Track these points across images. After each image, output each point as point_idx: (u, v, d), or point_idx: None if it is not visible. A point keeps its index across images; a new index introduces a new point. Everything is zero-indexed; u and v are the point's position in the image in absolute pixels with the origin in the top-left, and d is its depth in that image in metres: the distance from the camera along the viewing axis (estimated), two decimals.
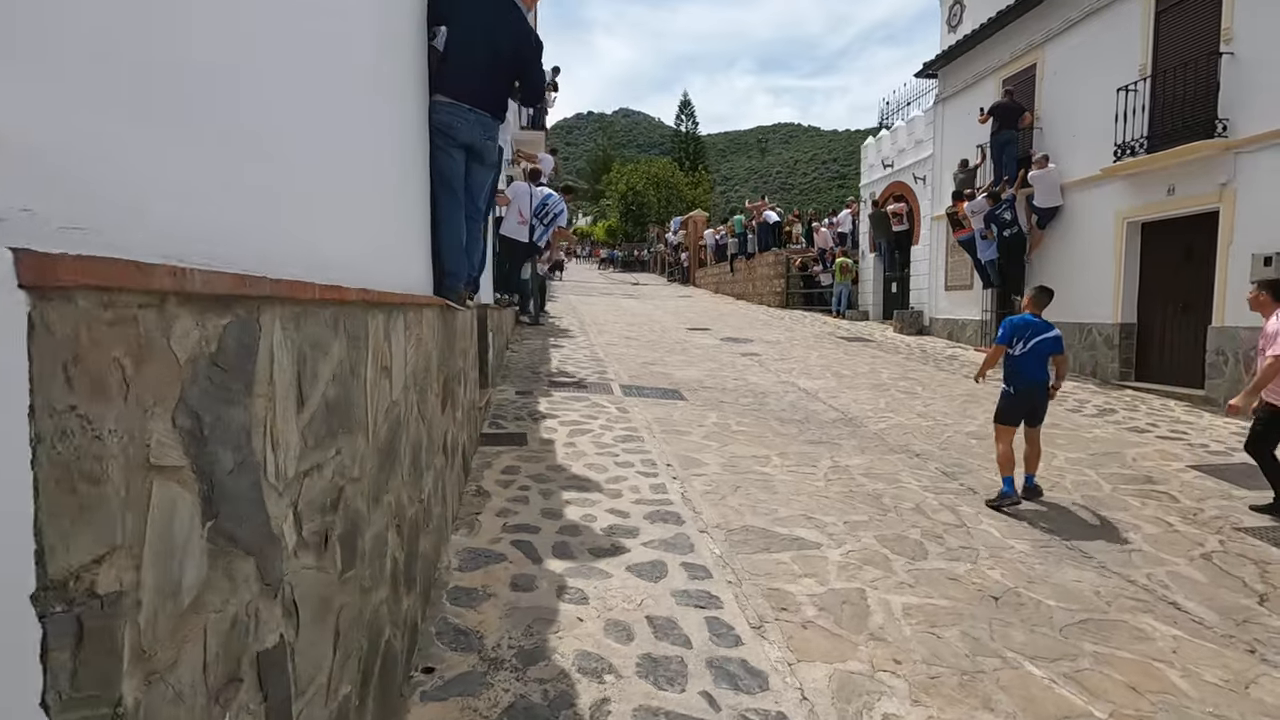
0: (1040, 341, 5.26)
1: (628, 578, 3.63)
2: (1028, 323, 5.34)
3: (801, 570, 3.93)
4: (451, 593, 3.29)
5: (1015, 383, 5.35)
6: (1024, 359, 5.29)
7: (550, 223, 9.18)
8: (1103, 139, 9.70)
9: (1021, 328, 5.32)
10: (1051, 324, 5.37)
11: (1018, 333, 5.31)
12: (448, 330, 3.85)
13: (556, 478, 5.06)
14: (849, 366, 11.06)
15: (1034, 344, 5.26)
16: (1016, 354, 5.31)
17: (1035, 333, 5.28)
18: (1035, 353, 5.27)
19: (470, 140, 3.49)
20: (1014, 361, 5.34)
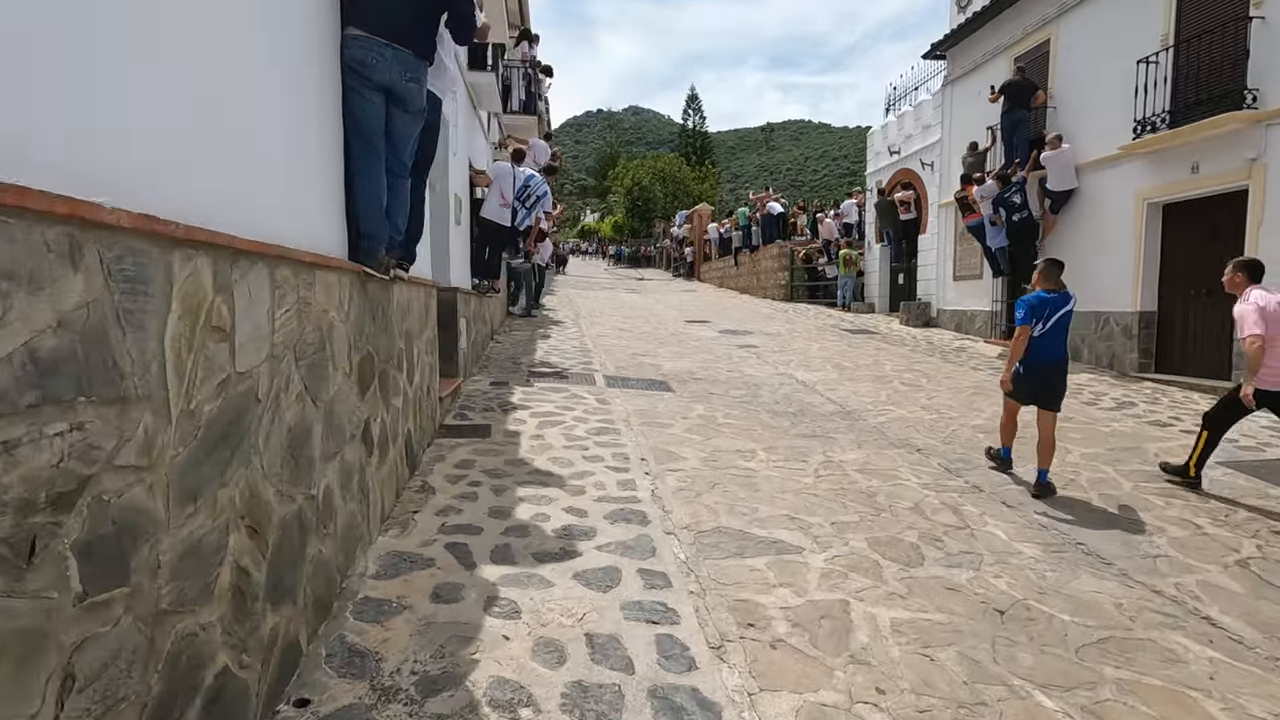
0: (1061, 317, 4.93)
1: (573, 587, 3.15)
2: (1044, 300, 4.97)
3: (777, 579, 3.43)
4: (359, 605, 2.82)
5: (1034, 361, 4.99)
6: (1044, 338, 4.95)
7: (533, 205, 8.70)
8: (1120, 116, 9.11)
9: (1039, 306, 4.95)
10: (1068, 293, 5.02)
11: (1036, 313, 4.95)
12: (371, 304, 3.38)
13: (514, 473, 4.59)
14: (850, 359, 10.53)
15: (1054, 321, 4.93)
16: (1037, 335, 4.96)
17: (1054, 309, 4.93)
18: (1055, 330, 4.94)
19: (389, 81, 3.02)
20: (1034, 343, 4.97)
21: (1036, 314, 4.93)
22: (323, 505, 2.62)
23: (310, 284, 2.50)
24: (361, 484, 3.19)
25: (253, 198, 2.14)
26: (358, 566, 3.09)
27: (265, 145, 2.27)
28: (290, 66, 2.51)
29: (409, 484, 4.24)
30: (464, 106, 7.65)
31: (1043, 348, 4.97)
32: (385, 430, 3.65)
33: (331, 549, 2.74)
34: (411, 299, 4.41)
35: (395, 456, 3.90)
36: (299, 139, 2.65)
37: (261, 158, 2.24)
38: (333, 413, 2.74)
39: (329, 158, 2.92)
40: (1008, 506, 4.79)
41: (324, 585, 2.63)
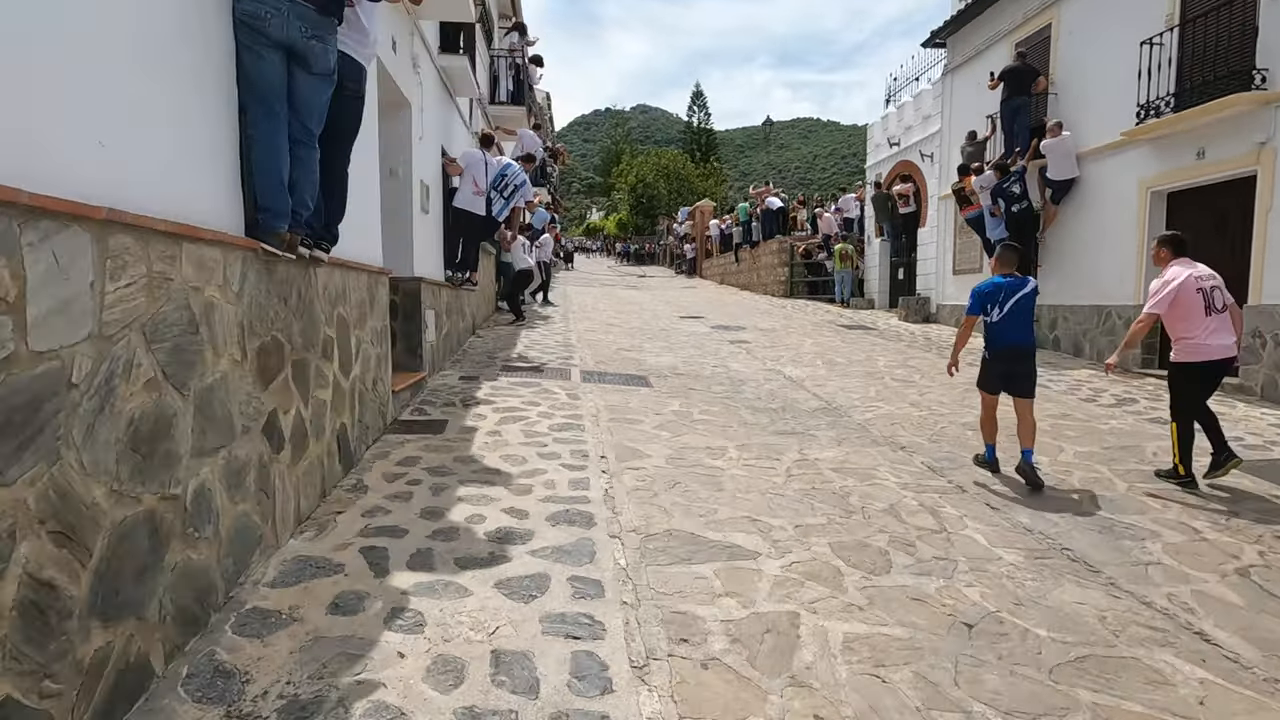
0: (1019, 300, 4.81)
1: (492, 596, 2.86)
2: (998, 286, 4.86)
3: (724, 587, 3.13)
4: (243, 617, 2.54)
5: (994, 346, 4.95)
6: (1003, 323, 4.85)
7: (511, 195, 8.39)
8: (1123, 101, 8.72)
9: (992, 293, 4.86)
10: (1026, 277, 4.92)
11: (989, 299, 4.87)
12: (280, 285, 3.10)
13: (459, 471, 4.30)
14: (843, 354, 10.18)
15: (1011, 305, 4.81)
16: (994, 321, 4.88)
17: (1010, 294, 4.82)
18: (1015, 314, 4.83)
19: (287, 38, 2.73)
20: (992, 329, 4.91)
21: (990, 300, 4.85)
22: (193, 507, 2.34)
23: (171, 257, 2.22)
24: (262, 482, 2.91)
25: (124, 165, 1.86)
26: (253, 573, 2.80)
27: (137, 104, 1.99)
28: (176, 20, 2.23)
29: (342, 482, 3.96)
30: (434, 90, 7.37)
31: (1003, 333, 4.87)
32: (303, 424, 3.37)
33: (209, 555, 2.46)
34: (347, 285, 4.13)
35: (320, 453, 3.62)
36: (181, 99, 2.37)
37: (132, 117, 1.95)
38: (210, 403, 2.46)
39: (219, 121, 2.64)
40: (991, 508, 4.46)
41: (193, 596, 2.35)
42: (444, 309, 7.54)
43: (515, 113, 12.94)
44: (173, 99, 2.34)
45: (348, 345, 4.12)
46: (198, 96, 2.50)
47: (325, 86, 2.96)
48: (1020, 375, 4.87)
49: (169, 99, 2.32)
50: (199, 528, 2.39)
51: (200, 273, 2.40)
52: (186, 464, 2.31)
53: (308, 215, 3.03)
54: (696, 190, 43.49)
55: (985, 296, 4.87)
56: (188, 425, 2.31)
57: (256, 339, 2.85)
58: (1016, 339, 4.85)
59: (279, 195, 2.80)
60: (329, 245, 3.45)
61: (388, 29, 5.27)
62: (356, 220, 4.42)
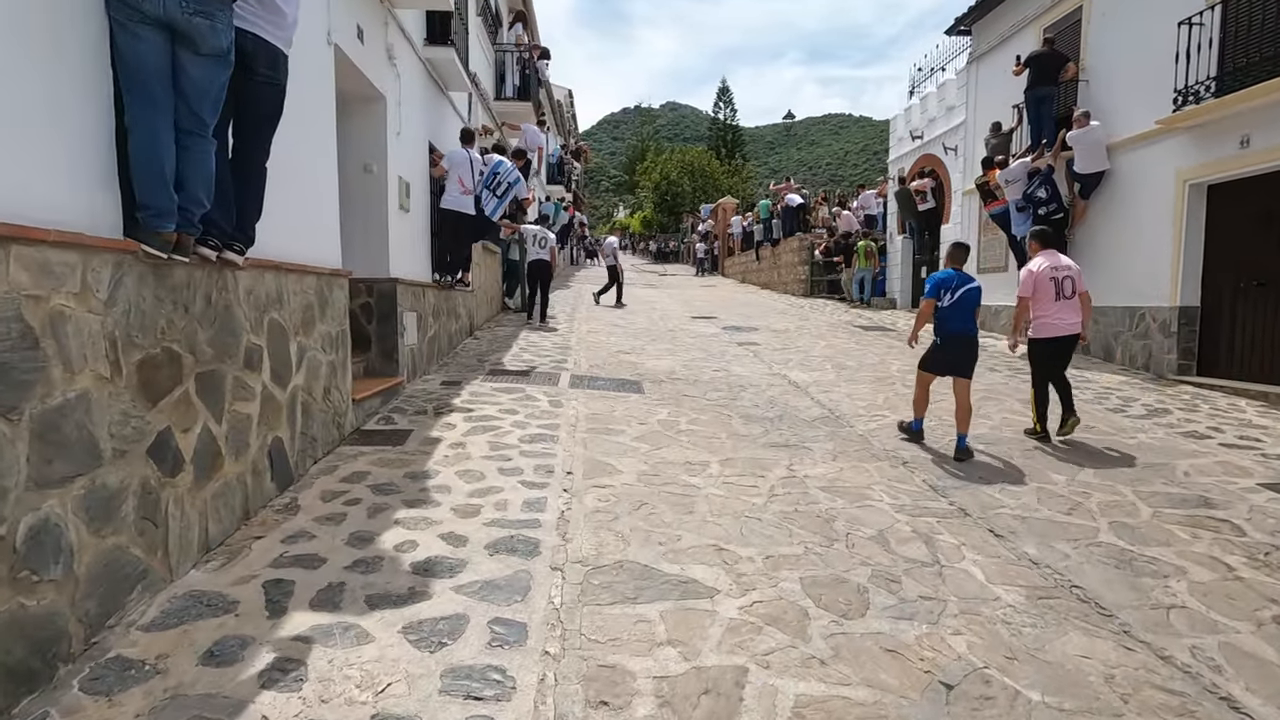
0: (966, 293, 5.42)
1: (395, 644, 2.52)
2: (951, 276, 5.49)
3: (669, 634, 2.75)
4: (100, 669, 2.24)
5: (942, 333, 5.55)
6: (951, 310, 5.45)
7: (505, 194, 8.10)
8: (1159, 87, 8.08)
9: (946, 281, 5.48)
10: (970, 276, 5.53)
11: (944, 285, 5.47)
12: (176, 291, 2.80)
13: (405, 489, 3.99)
14: (855, 358, 9.69)
15: (960, 295, 5.41)
16: (945, 305, 5.46)
17: (959, 285, 5.43)
18: (961, 304, 5.42)
19: (166, 15, 2.43)
20: (941, 313, 5.49)
21: (944, 287, 5.45)
22: (27, 546, 2.04)
23: None
24: (147, 510, 2.61)
25: None
26: (129, 613, 2.51)
27: None
28: None
29: (273, 502, 3.67)
30: (417, 83, 7.08)
31: (951, 319, 5.46)
32: (212, 442, 3.08)
33: (57, 599, 2.16)
34: (285, 288, 3.84)
35: (241, 471, 3.33)
36: (19, 82, 2.08)
37: None
38: (58, 427, 2.16)
39: (82, 108, 2.35)
40: (995, 536, 4.01)
41: (29, 649, 2.05)
42: (429, 311, 7.26)
43: (522, 108, 12.66)
44: (6, 78, 2.05)
45: (284, 353, 3.83)
46: (48, 77, 2.20)
47: (218, 70, 2.65)
48: (965, 360, 5.52)
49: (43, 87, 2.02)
50: (40, 569, 2.09)
51: (42, 279, 2.10)
52: (18, 498, 2.01)
53: (203, 214, 2.73)
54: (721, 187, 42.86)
55: (941, 283, 5.48)
56: (19, 454, 2.02)
57: (138, 351, 2.56)
58: (961, 328, 5.46)
59: (160, 191, 2.50)
60: (243, 247, 3.14)
61: (350, 14, 4.98)
62: (301, 219, 4.14)
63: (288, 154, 3.65)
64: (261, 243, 3.37)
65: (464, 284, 8.35)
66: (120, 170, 2.51)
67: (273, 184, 3.35)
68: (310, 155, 4.28)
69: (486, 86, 11.38)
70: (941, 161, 13.87)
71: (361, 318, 5.90)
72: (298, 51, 3.30)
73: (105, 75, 2.45)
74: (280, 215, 3.65)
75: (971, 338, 5.49)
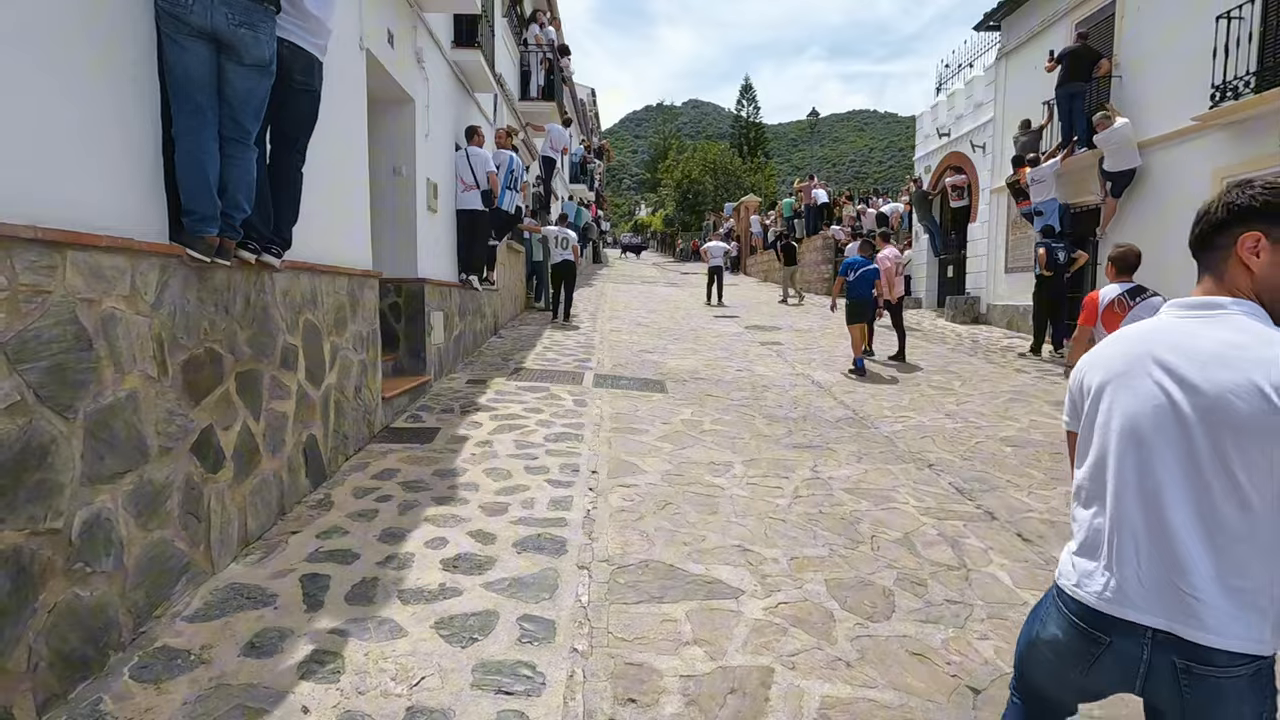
0: (864, 271, 8.54)
1: (428, 638, 2.59)
2: (856, 262, 8.66)
3: (694, 633, 2.78)
4: (147, 657, 2.33)
5: (850, 297, 8.59)
6: (855, 284, 8.55)
7: (514, 185, 8.15)
8: (1195, 83, 7.90)
9: (853, 264, 8.66)
10: (871, 259, 8.76)
11: (850, 268, 8.65)
12: (218, 294, 2.89)
13: (435, 486, 4.06)
14: (878, 358, 9.62)
15: (860, 273, 8.52)
16: (851, 280, 8.57)
17: (860, 266, 8.58)
18: (863, 279, 8.51)
19: (211, 26, 2.51)
20: (850, 285, 8.59)
21: (851, 269, 8.63)
22: (82, 539, 2.13)
23: (48, 267, 2.01)
24: (191, 505, 2.70)
25: None
26: (174, 604, 2.60)
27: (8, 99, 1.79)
28: None
29: (308, 497, 3.77)
30: (446, 86, 7.17)
31: (855, 289, 8.53)
32: (251, 439, 3.17)
33: (108, 590, 2.25)
34: (319, 289, 3.93)
35: (278, 468, 3.42)
36: (78, 92, 2.17)
37: None
38: (109, 425, 2.25)
39: (133, 117, 2.43)
40: (1023, 540, 3.98)
41: (83, 637, 2.14)
42: (455, 310, 7.36)
43: (546, 108, 12.73)
44: (67, 92, 2.14)
45: (319, 353, 3.92)
46: (103, 90, 2.29)
47: (261, 79, 2.73)
48: (864, 314, 8.53)
49: (61, 92, 2.11)
50: (93, 561, 2.18)
51: (95, 283, 2.19)
52: (73, 493, 2.10)
53: (244, 219, 2.81)
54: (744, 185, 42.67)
55: (849, 266, 8.68)
56: (75, 451, 2.11)
57: (182, 351, 2.65)
58: (862, 294, 8.50)
59: (205, 198, 2.58)
60: (280, 250, 3.23)
61: (381, 19, 5.07)
62: (334, 222, 4.24)
63: (321, 158, 3.73)
64: (297, 245, 3.46)
65: (489, 283, 8.43)
66: (166, 177, 2.60)
67: (307, 187, 3.43)
68: (343, 159, 4.37)
69: (511, 87, 11.47)
70: (969, 159, 13.70)
71: (390, 317, 6.00)
72: (331, 57, 3.38)
73: (154, 87, 2.54)
74: (314, 218, 3.74)
75: (868, 299, 8.50)
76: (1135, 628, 1.28)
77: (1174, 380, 1.29)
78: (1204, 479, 1.23)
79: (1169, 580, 1.25)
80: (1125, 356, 1.39)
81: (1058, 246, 9.29)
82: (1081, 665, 1.35)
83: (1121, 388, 1.37)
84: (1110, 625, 1.31)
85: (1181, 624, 1.23)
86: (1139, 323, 1.47)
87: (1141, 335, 1.41)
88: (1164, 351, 1.33)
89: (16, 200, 1.93)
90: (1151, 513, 1.29)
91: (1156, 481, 1.28)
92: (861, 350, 8.46)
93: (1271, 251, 1.31)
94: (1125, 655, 1.29)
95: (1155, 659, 1.26)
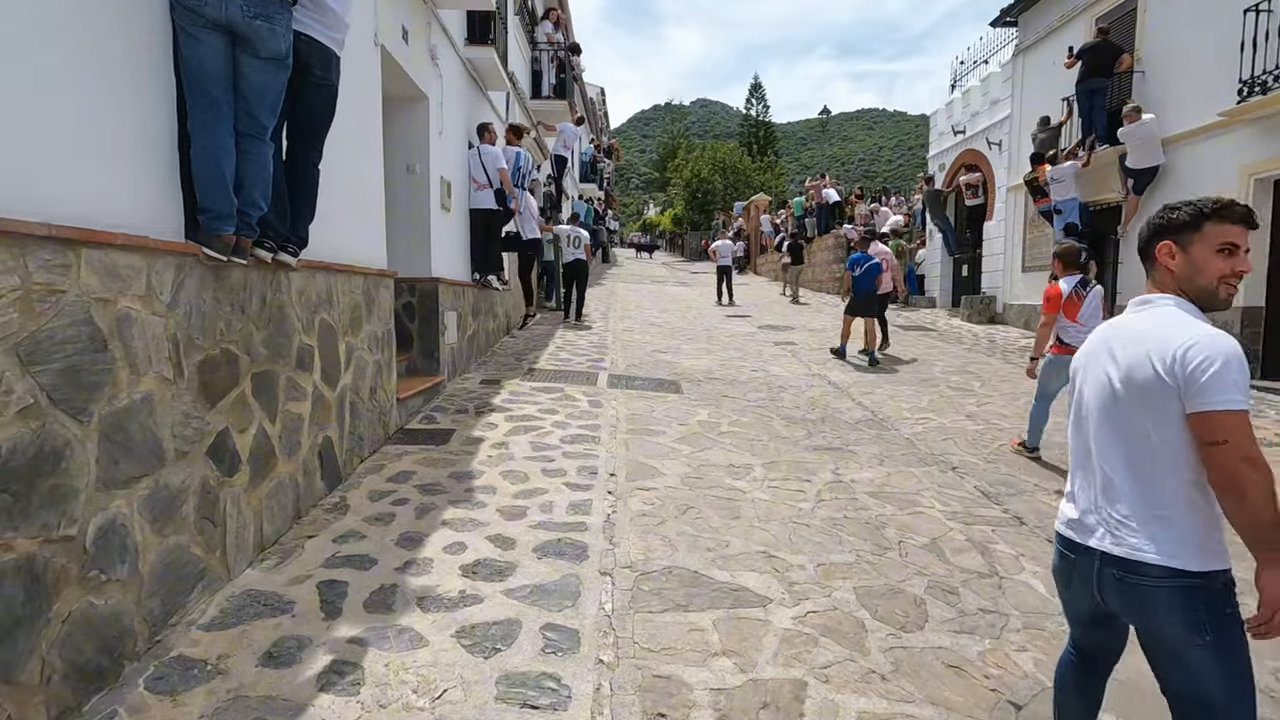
0: (869, 267, 9.09)
1: (450, 648, 2.51)
2: (862, 257, 9.28)
3: (723, 644, 2.69)
4: (163, 668, 2.26)
5: (856, 290, 9.13)
6: (860, 279, 9.08)
7: (523, 182, 8.07)
8: (1222, 78, 7.74)
9: (859, 260, 9.24)
10: (872, 255, 9.32)
11: (856, 264, 9.22)
12: (234, 293, 2.83)
13: (451, 489, 3.99)
14: (895, 357, 9.49)
15: (865, 268, 9.09)
16: (857, 275, 9.10)
17: (864, 261, 9.18)
18: (867, 274, 9.06)
19: (226, 18, 2.44)
20: (855, 280, 9.12)
21: (857, 264, 9.21)
22: (96, 546, 2.07)
23: (63, 266, 1.94)
24: (207, 510, 2.64)
25: None
26: (190, 612, 2.54)
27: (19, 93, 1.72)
28: None
29: (323, 500, 3.70)
30: (459, 83, 7.11)
31: (860, 284, 9.07)
32: (267, 442, 3.10)
33: (124, 598, 2.19)
34: (334, 289, 3.87)
35: (293, 471, 3.36)
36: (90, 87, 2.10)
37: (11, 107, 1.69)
38: (125, 428, 2.19)
39: (146, 112, 2.37)
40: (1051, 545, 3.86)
41: (98, 647, 2.08)
42: (469, 309, 7.30)
43: (558, 107, 12.65)
44: (80, 86, 2.07)
45: (334, 353, 3.85)
46: (117, 84, 2.23)
47: (278, 72, 2.66)
48: (868, 308, 9.12)
49: (74, 86, 2.05)
50: (108, 569, 2.12)
51: (110, 282, 2.13)
52: (88, 498, 2.04)
53: (260, 216, 2.74)
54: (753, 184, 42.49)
55: (854, 262, 9.29)
56: (89, 455, 2.04)
57: (198, 352, 2.58)
58: (867, 288, 9.07)
59: (221, 195, 2.52)
60: (296, 248, 3.16)
61: (395, 15, 5.00)
62: (349, 220, 4.17)
63: (336, 155, 3.66)
64: (313, 244, 3.39)
65: (503, 283, 8.37)
66: (182, 174, 2.53)
67: (322, 185, 3.36)
68: (358, 156, 4.31)
69: (523, 85, 11.40)
70: (985, 157, 13.53)
71: (404, 317, 5.94)
72: (346, 53, 3.31)
73: (169, 81, 2.47)
74: (330, 216, 3.67)
75: (872, 293, 9.08)
76: (1090, 550, 1.69)
77: (1110, 358, 1.71)
78: (1128, 430, 1.65)
79: (1107, 512, 1.67)
80: (1092, 345, 1.82)
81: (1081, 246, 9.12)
82: (1064, 581, 1.85)
83: (1089, 368, 1.79)
84: (1074, 548, 1.75)
85: (1113, 543, 1.64)
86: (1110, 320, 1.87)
87: (1106, 327, 1.82)
88: (1112, 337, 1.75)
89: (29, 197, 1.86)
90: (1096, 460, 1.72)
91: (1099, 437, 1.72)
92: (874, 344, 9.14)
93: (1182, 256, 1.69)
94: (1085, 570, 1.72)
95: (1103, 571, 1.67)
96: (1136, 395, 1.60)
